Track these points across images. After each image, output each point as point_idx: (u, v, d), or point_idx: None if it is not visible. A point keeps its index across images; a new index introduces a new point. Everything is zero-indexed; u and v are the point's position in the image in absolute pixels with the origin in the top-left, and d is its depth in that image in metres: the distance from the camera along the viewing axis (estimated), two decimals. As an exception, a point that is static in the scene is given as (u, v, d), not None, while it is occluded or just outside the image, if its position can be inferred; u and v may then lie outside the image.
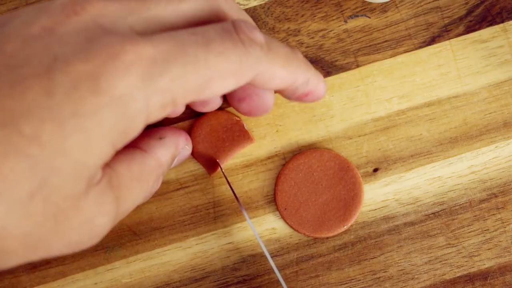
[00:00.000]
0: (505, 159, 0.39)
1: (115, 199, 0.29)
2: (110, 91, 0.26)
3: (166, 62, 0.27)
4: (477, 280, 0.38)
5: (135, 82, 0.26)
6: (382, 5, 0.39)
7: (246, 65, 0.29)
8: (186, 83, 0.28)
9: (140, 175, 0.31)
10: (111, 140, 0.27)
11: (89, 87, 0.26)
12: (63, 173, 0.26)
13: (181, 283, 0.39)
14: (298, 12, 0.39)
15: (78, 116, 0.26)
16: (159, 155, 0.33)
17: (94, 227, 0.28)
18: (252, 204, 0.39)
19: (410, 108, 0.39)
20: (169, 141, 0.34)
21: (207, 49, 0.28)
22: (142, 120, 0.27)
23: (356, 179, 0.38)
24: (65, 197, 0.27)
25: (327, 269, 0.38)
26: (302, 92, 0.33)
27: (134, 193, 0.30)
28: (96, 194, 0.28)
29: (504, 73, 0.39)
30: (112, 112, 0.26)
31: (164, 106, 0.28)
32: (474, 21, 0.39)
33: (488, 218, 0.38)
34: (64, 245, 0.28)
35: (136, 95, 0.26)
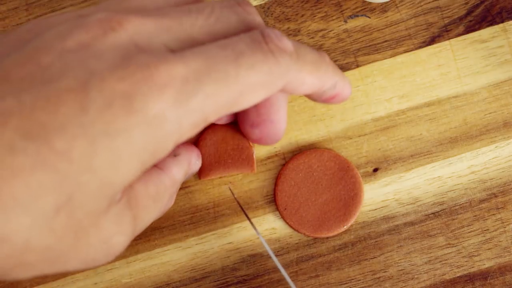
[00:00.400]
0: (505, 159, 0.39)
1: (133, 219, 0.29)
2: (143, 111, 0.26)
3: (198, 81, 0.27)
4: (477, 280, 0.38)
5: (168, 103, 0.26)
6: (382, 5, 0.39)
7: (277, 75, 0.29)
8: (218, 100, 0.27)
9: (156, 194, 0.31)
10: (140, 160, 0.27)
11: (122, 106, 0.26)
12: (89, 190, 0.26)
13: (181, 283, 0.39)
14: (298, 12, 0.39)
15: (110, 135, 0.25)
16: (174, 173, 0.33)
17: (111, 246, 0.28)
18: (252, 204, 0.39)
19: (410, 108, 0.39)
20: (183, 159, 0.34)
21: (237, 64, 0.28)
22: (173, 140, 0.27)
23: (356, 179, 0.38)
24: (88, 214, 0.26)
25: (327, 269, 0.38)
26: (329, 95, 0.33)
27: (150, 212, 0.30)
28: (116, 213, 0.28)
29: (504, 73, 0.39)
30: (144, 133, 0.26)
31: (196, 125, 0.27)
32: (474, 21, 0.39)
33: (488, 218, 0.38)
34: (80, 261, 0.28)
35: (169, 116, 0.26)
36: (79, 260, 0.28)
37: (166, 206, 0.33)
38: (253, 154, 0.38)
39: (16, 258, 0.26)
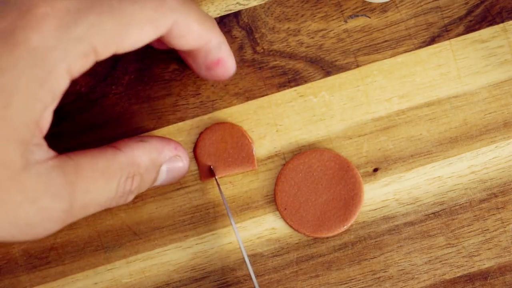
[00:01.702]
0: (505, 159, 0.39)
1: (67, 184, 0.28)
2: (25, 43, 0.26)
3: (81, 12, 0.27)
4: (477, 280, 0.38)
5: (50, 32, 0.26)
6: (382, 5, 0.39)
7: (162, 13, 0.29)
8: (104, 30, 0.28)
9: (105, 169, 0.30)
10: (35, 95, 0.26)
11: (4, 43, 0.26)
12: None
13: (181, 283, 0.39)
14: (298, 12, 0.39)
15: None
16: (135, 154, 0.32)
17: (43, 209, 0.28)
18: (252, 204, 0.39)
19: (410, 108, 0.39)
20: (150, 145, 0.33)
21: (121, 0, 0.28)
22: (63, 70, 0.27)
23: (356, 179, 0.38)
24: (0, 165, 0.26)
25: (327, 269, 0.38)
26: (214, 57, 0.33)
27: (97, 185, 0.30)
28: (41, 172, 0.27)
29: (504, 73, 0.39)
30: (30, 64, 0.26)
31: (85, 55, 0.27)
32: (474, 21, 0.39)
33: (488, 218, 0.38)
34: (11, 225, 0.27)
35: (53, 44, 0.26)
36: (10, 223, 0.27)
37: (125, 188, 0.32)
38: (253, 151, 0.38)
39: None
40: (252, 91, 0.39)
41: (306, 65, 0.39)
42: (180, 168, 0.35)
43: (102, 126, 0.39)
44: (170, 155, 0.34)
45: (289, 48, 0.39)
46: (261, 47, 0.39)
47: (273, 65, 0.39)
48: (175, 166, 0.35)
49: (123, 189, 0.32)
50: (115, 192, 0.31)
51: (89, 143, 0.38)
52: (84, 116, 0.39)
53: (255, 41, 0.39)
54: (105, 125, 0.39)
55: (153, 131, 0.39)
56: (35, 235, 0.28)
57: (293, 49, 0.39)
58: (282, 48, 0.39)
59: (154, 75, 0.39)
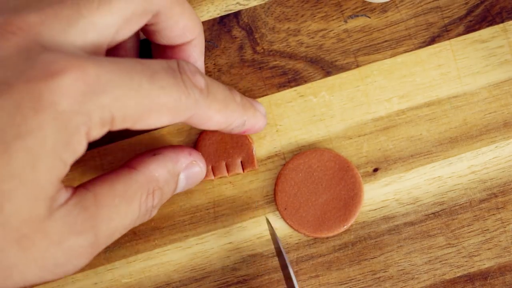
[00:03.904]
0: (505, 159, 0.39)
1: (89, 218, 0.29)
2: (52, 107, 0.26)
3: (110, 82, 0.27)
4: (477, 280, 0.38)
5: (77, 97, 0.26)
6: (382, 5, 0.39)
7: (185, 104, 0.30)
8: (126, 106, 0.28)
9: (124, 192, 0.30)
10: (58, 156, 0.27)
11: (31, 106, 0.26)
12: (15, 197, 0.26)
13: (181, 283, 0.39)
14: (298, 12, 0.39)
15: (22, 136, 0.26)
16: (151, 170, 0.32)
17: (69, 249, 0.28)
18: (252, 204, 0.39)
19: (410, 108, 0.39)
20: (164, 156, 0.33)
21: (151, 80, 0.28)
22: (83, 133, 0.27)
23: (356, 179, 0.38)
24: (25, 221, 0.26)
25: (327, 269, 0.38)
26: (238, 131, 0.34)
27: (119, 211, 0.30)
28: (63, 214, 0.28)
29: (504, 73, 0.39)
30: (55, 128, 0.26)
31: (103, 124, 0.28)
32: (474, 21, 0.39)
33: (488, 218, 0.38)
34: (40, 269, 0.28)
35: (78, 109, 0.27)
36: (38, 268, 0.27)
37: (147, 206, 0.32)
38: (253, 150, 0.38)
39: None
40: (252, 91, 0.39)
41: (306, 65, 0.39)
42: (197, 173, 0.35)
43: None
44: (186, 162, 0.34)
45: (289, 48, 0.39)
46: (261, 47, 0.39)
47: (273, 65, 0.39)
48: (192, 172, 0.35)
49: (145, 207, 0.32)
50: (138, 212, 0.31)
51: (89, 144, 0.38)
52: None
53: (255, 41, 0.39)
54: (105, 125, 0.39)
55: (153, 131, 0.39)
56: (65, 273, 0.29)
57: (293, 49, 0.39)
58: (282, 48, 0.39)
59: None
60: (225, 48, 0.39)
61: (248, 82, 0.39)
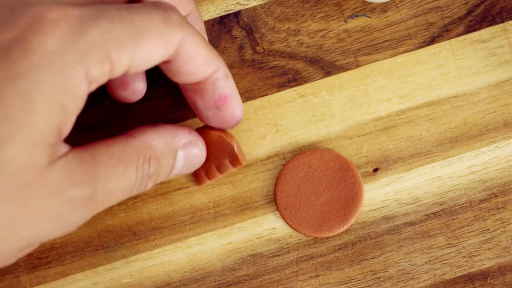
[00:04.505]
0: (505, 159, 0.39)
1: (88, 172, 0.29)
2: (40, 48, 0.26)
3: (93, 18, 0.28)
4: (477, 280, 0.38)
5: (65, 36, 0.27)
6: (382, 5, 0.39)
7: (170, 27, 0.30)
8: (116, 37, 0.28)
9: (121, 154, 0.31)
10: (55, 99, 0.27)
11: (19, 50, 0.26)
12: (14, 142, 0.26)
13: (181, 283, 0.39)
14: (298, 12, 0.39)
15: (14, 79, 0.26)
16: (148, 138, 0.32)
17: (69, 199, 0.28)
18: (252, 204, 0.39)
19: (410, 108, 0.39)
20: (163, 128, 0.33)
21: (130, 11, 0.29)
22: (82, 73, 0.27)
23: (356, 179, 0.38)
24: (24, 168, 0.26)
25: (327, 269, 0.38)
26: (222, 90, 0.34)
27: (116, 171, 0.30)
28: (63, 165, 0.28)
29: (504, 73, 0.39)
30: (48, 68, 0.27)
31: (101, 60, 0.28)
32: (474, 21, 0.39)
33: (488, 218, 0.38)
34: (42, 221, 0.28)
35: (68, 47, 0.27)
36: (40, 218, 0.28)
37: (144, 172, 0.32)
38: (235, 148, 0.37)
39: None
40: (252, 91, 0.39)
41: (306, 65, 0.39)
42: (197, 154, 0.35)
43: (102, 127, 0.39)
44: (185, 139, 0.34)
45: (289, 48, 0.39)
46: (261, 47, 0.39)
47: (273, 65, 0.39)
48: (191, 152, 0.35)
49: (141, 173, 0.32)
50: (135, 177, 0.31)
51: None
52: (84, 117, 0.39)
53: (255, 41, 0.39)
54: (105, 126, 0.39)
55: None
56: (67, 227, 0.29)
57: (293, 49, 0.39)
58: (282, 48, 0.39)
59: (154, 75, 0.39)
60: (225, 48, 0.39)
61: (248, 82, 0.39)
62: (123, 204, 0.38)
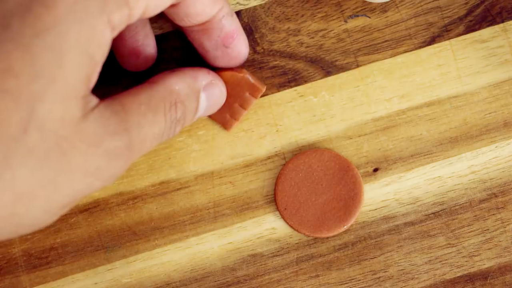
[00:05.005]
0: (505, 159, 0.39)
1: (121, 121, 0.29)
2: (62, 0, 0.26)
3: None
4: (477, 280, 0.38)
5: None
6: (382, 5, 0.39)
7: None
8: None
9: (148, 101, 0.31)
10: (83, 50, 0.27)
11: (41, 5, 0.26)
12: (47, 97, 0.26)
13: (181, 283, 0.39)
14: (298, 12, 0.39)
15: (40, 34, 0.26)
16: (171, 83, 0.32)
17: (107, 150, 0.28)
18: (252, 204, 0.39)
19: (410, 108, 0.39)
20: (183, 72, 0.33)
21: None
22: (105, 22, 0.27)
23: (356, 179, 0.38)
24: (60, 123, 0.26)
25: (327, 269, 0.38)
26: (229, 27, 0.34)
27: (146, 118, 0.30)
28: (97, 116, 0.28)
29: (504, 73, 0.39)
30: (72, 20, 0.26)
31: (120, 6, 0.28)
32: (474, 21, 0.39)
33: (488, 218, 0.38)
34: (84, 174, 0.28)
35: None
36: (82, 172, 0.27)
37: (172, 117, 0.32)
38: (250, 79, 0.37)
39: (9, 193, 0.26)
40: (252, 91, 0.39)
41: (306, 65, 0.39)
42: (218, 94, 0.36)
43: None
44: (206, 80, 0.35)
45: (289, 48, 0.39)
46: (261, 47, 0.39)
47: (273, 65, 0.39)
48: (213, 92, 0.35)
49: (170, 118, 0.32)
50: (164, 122, 0.31)
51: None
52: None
53: (255, 41, 0.39)
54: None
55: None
56: (107, 179, 0.29)
57: (293, 49, 0.39)
58: (282, 48, 0.39)
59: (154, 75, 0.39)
60: (225, 48, 0.39)
61: (248, 82, 0.39)
62: (123, 204, 0.39)
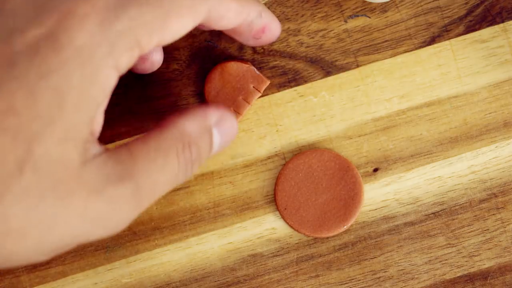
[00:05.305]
0: (505, 159, 0.39)
1: (126, 169, 0.28)
2: (70, 44, 0.26)
3: (120, 7, 0.27)
4: (477, 280, 0.38)
5: (94, 30, 0.27)
6: (382, 5, 0.39)
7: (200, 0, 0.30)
8: (144, 22, 0.28)
9: (159, 146, 0.30)
10: (87, 94, 0.27)
11: (49, 47, 0.26)
12: (45, 137, 0.26)
13: (181, 283, 0.39)
14: (298, 12, 0.39)
15: (45, 76, 0.26)
16: (182, 125, 0.32)
17: (110, 198, 0.27)
18: (252, 204, 0.39)
19: (410, 108, 0.39)
20: (192, 113, 0.33)
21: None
22: (111, 65, 0.27)
23: (356, 179, 0.38)
24: (58, 165, 0.26)
25: (327, 269, 0.38)
26: (258, 27, 0.33)
27: (156, 163, 0.30)
28: (98, 164, 0.27)
29: (504, 73, 0.39)
30: (78, 63, 0.26)
31: (130, 48, 0.28)
32: (474, 21, 0.39)
33: (488, 218, 0.38)
34: (83, 221, 0.27)
35: (98, 40, 0.27)
36: (81, 218, 0.27)
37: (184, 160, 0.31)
38: (255, 70, 0.37)
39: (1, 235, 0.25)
40: (252, 91, 0.39)
41: (306, 65, 0.39)
42: (230, 127, 0.34)
43: (102, 126, 0.39)
44: (216, 116, 0.34)
45: (289, 48, 0.39)
46: (261, 47, 0.39)
47: (273, 65, 0.39)
48: (225, 127, 0.34)
49: (184, 160, 0.31)
50: (177, 165, 0.31)
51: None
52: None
53: (255, 41, 0.39)
54: (106, 125, 0.39)
55: (153, 131, 0.39)
56: (111, 228, 0.28)
57: (293, 49, 0.39)
58: (282, 48, 0.39)
59: (154, 75, 0.39)
60: (225, 48, 0.39)
61: (248, 82, 0.39)
62: (123, 204, 0.38)
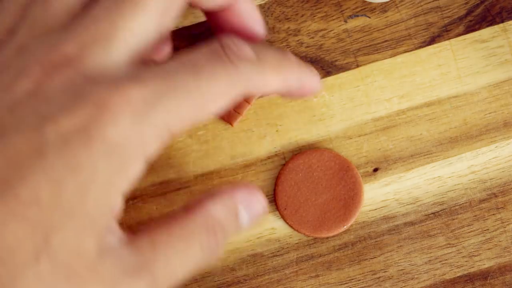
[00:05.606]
0: (505, 159, 0.39)
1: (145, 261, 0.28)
2: (101, 138, 0.26)
3: (157, 99, 0.27)
4: (477, 280, 0.38)
5: (126, 124, 0.26)
6: (382, 5, 0.39)
7: (237, 82, 0.29)
8: (180, 114, 0.27)
9: (182, 232, 0.29)
10: (112, 185, 0.26)
11: (80, 140, 0.26)
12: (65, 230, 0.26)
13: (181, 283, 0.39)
14: (298, 12, 0.39)
15: (73, 171, 0.25)
16: (208, 209, 0.31)
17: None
18: (252, 204, 0.39)
19: (410, 108, 0.39)
20: (219, 194, 0.31)
21: (197, 77, 0.28)
22: (139, 156, 0.27)
23: (356, 179, 0.38)
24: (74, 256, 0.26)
25: (327, 269, 0.38)
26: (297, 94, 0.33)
27: (177, 251, 0.29)
28: (115, 256, 0.27)
29: (504, 73, 0.39)
30: (108, 158, 0.26)
31: (161, 139, 0.27)
32: (474, 21, 0.39)
33: (488, 218, 0.38)
34: None
35: (129, 134, 0.26)
36: None
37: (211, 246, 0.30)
38: None
39: None
40: (252, 91, 0.39)
41: (306, 65, 0.39)
42: (258, 207, 0.33)
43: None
44: (244, 196, 0.32)
45: (289, 48, 0.39)
46: (261, 47, 0.39)
47: (273, 65, 0.39)
48: (253, 207, 0.33)
49: (208, 246, 0.30)
50: (200, 251, 0.30)
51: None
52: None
53: (255, 41, 0.39)
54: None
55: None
56: None
57: (293, 49, 0.39)
58: (282, 48, 0.39)
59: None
60: (225, 48, 0.39)
61: (248, 82, 0.39)
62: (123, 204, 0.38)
